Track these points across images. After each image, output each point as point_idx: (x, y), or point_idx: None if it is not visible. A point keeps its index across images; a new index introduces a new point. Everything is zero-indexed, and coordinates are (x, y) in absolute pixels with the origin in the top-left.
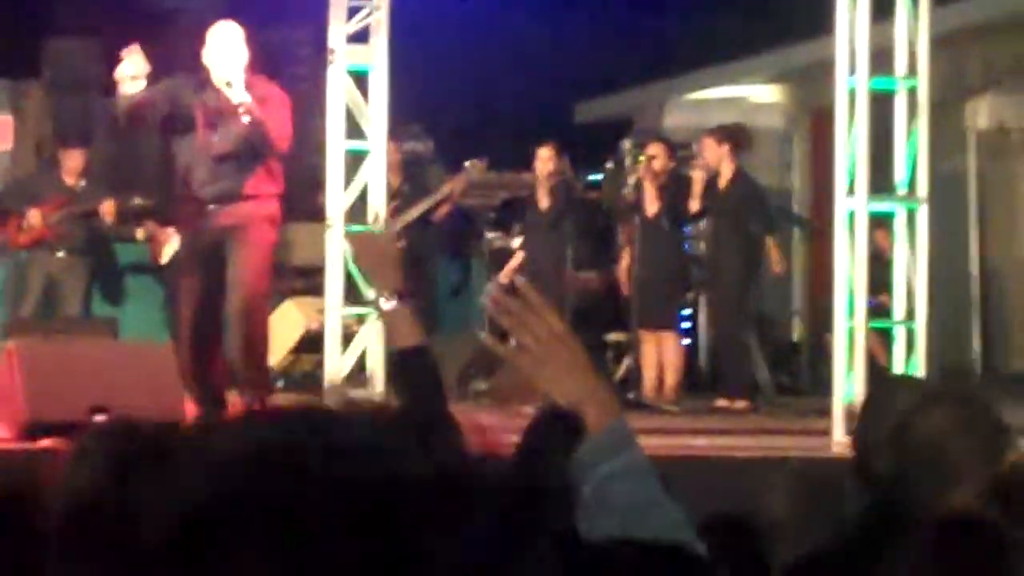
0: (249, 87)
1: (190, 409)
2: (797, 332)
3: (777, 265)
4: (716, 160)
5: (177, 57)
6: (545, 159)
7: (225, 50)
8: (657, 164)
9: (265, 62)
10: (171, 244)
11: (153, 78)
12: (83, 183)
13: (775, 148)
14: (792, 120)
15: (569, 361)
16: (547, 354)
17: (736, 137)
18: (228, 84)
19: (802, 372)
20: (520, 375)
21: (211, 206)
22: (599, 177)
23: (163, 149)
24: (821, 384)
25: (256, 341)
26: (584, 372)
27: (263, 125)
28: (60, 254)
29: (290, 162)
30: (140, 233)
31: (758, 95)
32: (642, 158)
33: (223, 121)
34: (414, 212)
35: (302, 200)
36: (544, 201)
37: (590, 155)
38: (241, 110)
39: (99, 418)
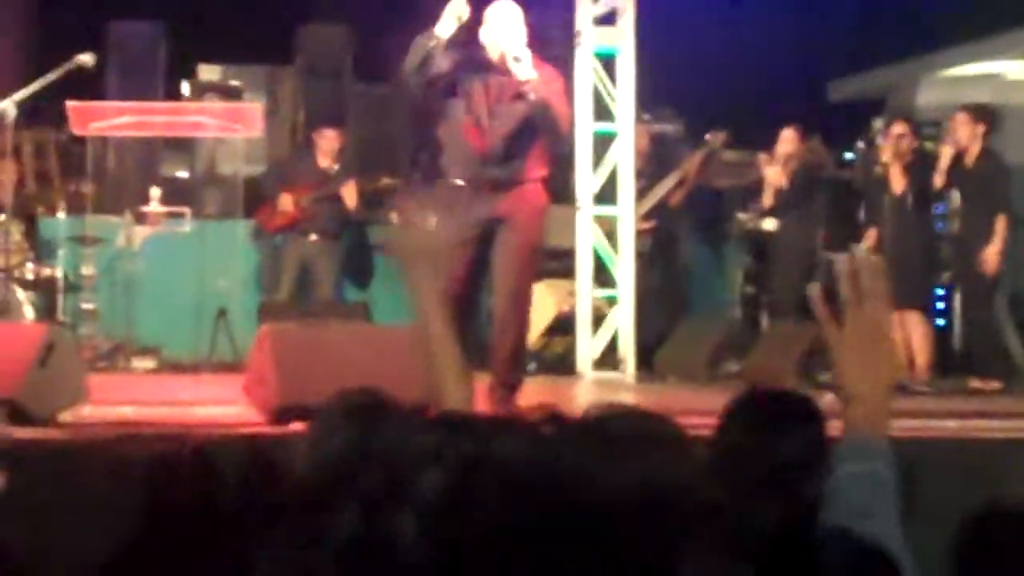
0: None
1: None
2: None
3: (994, 249)
4: (968, 138)
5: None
6: (786, 140)
7: (511, 26)
8: (904, 144)
9: None
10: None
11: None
12: (336, 166)
13: None
14: None
15: (878, 356)
16: (864, 341)
17: (992, 118)
18: (516, 59)
19: None
20: (771, 358)
21: (486, 190)
22: (852, 156)
23: (421, 129)
24: None
25: (520, 332)
26: (878, 374)
27: (549, 104)
28: (312, 237)
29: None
30: (393, 215)
31: (1015, 72)
32: (883, 139)
33: (503, 102)
34: (658, 192)
35: (553, 182)
36: (783, 182)
37: (844, 133)
38: (528, 87)
39: None
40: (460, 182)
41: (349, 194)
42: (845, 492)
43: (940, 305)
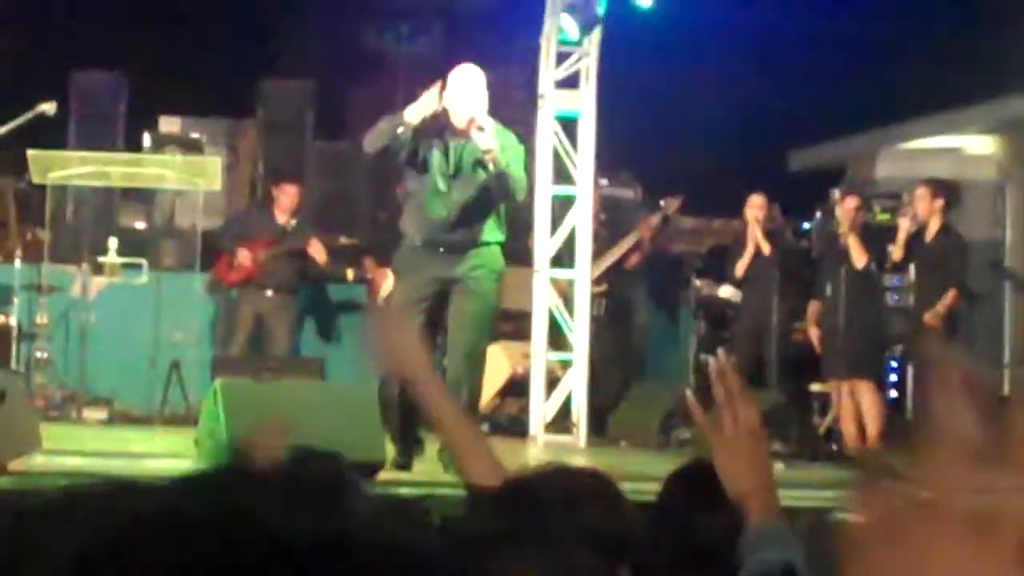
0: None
1: (390, 450)
2: (1008, 386)
3: (937, 312)
4: (927, 212)
5: (393, 100)
6: (756, 206)
7: (474, 93)
8: (858, 216)
9: None
10: (387, 285)
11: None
12: (294, 222)
13: (988, 200)
14: (1006, 172)
15: (752, 454)
16: (737, 441)
17: (951, 193)
18: (480, 128)
19: None
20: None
21: (441, 251)
22: (810, 226)
23: (377, 189)
24: None
25: (472, 393)
26: (761, 468)
27: (508, 175)
28: (269, 292)
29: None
30: (350, 273)
31: (973, 146)
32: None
33: (463, 169)
34: (612, 255)
35: (511, 244)
36: (752, 248)
37: (803, 203)
38: (488, 156)
39: None
40: (417, 243)
41: (318, 251)
42: None
43: (893, 377)
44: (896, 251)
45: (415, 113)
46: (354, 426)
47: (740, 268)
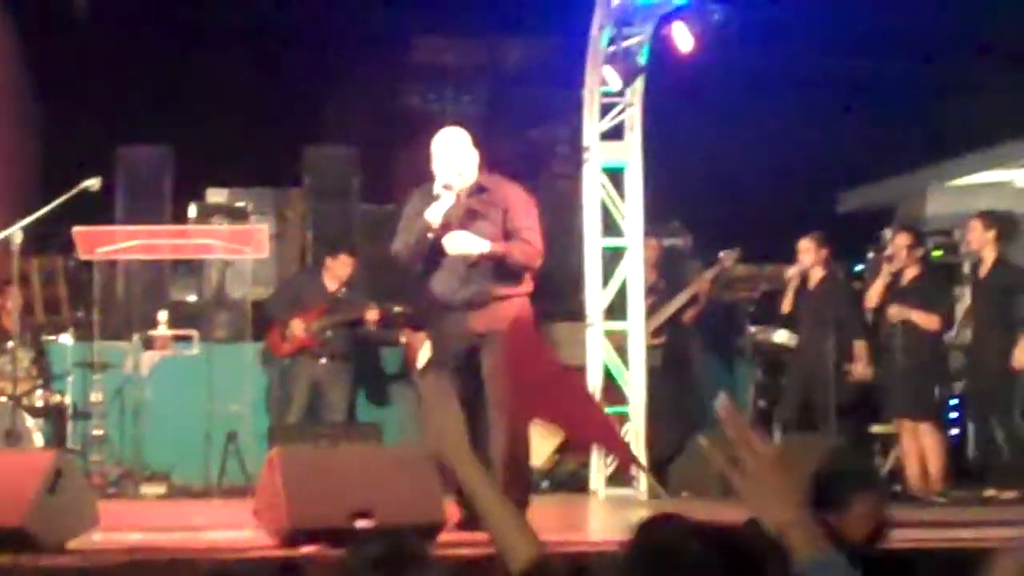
0: (493, 189)
1: (452, 513)
2: None
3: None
4: (980, 244)
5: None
6: (804, 250)
7: (448, 156)
8: (912, 254)
9: (528, 162)
10: (424, 350)
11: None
12: (344, 290)
13: None
14: None
15: (781, 487)
16: (761, 476)
17: (1004, 225)
18: (446, 187)
19: None
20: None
21: (461, 311)
22: (862, 267)
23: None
24: None
25: (518, 445)
26: (791, 500)
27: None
28: (323, 360)
29: (552, 261)
30: (402, 338)
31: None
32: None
33: (469, 225)
34: (670, 308)
35: (566, 299)
36: (806, 291)
37: (854, 245)
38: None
39: (361, 523)
40: (445, 302)
41: (372, 319)
42: None
43: (953, 415)
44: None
45: (437, 214)
46: (413, 488)
47: (786, 304)
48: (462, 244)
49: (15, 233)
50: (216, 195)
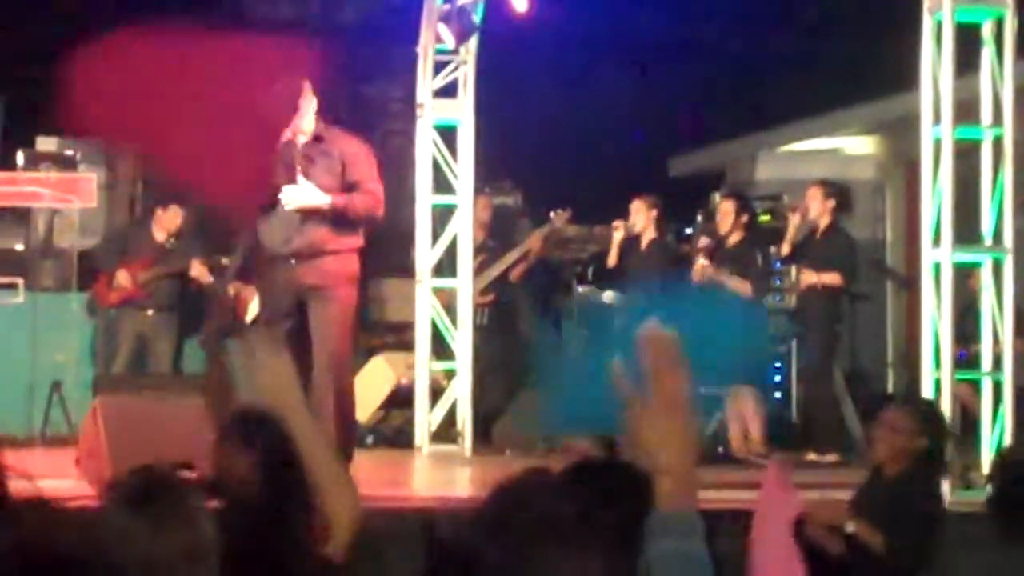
0: (330, 140)
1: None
2: (891, 384)
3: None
4: (819, 212)
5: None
6: (635, 211)
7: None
8: (738, 219)
9: (361, 118)
10: (254, 302)
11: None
12: (173, 240)
13: (868, 200)
14: (885, 172)
15: (673, 431)
16: (666, 414)
17: (843, 195)
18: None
19: None
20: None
21: (289, 263)
22: (691, 230)
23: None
24: None
25: (342, 399)
26: (680, 448)
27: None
28: (150, 312)
29: (384, 217)
30: (232, 290)
31: (852, 147)
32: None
33: (307, 173)
34: (499, 267)
35: (394, 256)
36: (636, 252)
37: (684, 208)
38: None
39: (184, 475)
40: (276, 252)
41: (198, 271)
42: (665, 569)
43: (776, 378)
44: (784, 246)
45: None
46: None
47: (611, 258)
48: (302, 197)
49: None
50: (46, 143)
